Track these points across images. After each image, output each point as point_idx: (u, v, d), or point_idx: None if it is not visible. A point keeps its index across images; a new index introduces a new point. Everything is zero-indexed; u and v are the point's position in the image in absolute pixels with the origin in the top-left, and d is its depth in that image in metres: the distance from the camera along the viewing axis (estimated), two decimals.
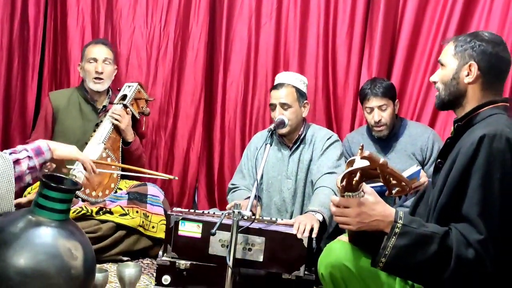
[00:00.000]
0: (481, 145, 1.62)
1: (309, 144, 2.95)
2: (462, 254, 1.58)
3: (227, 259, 2.35)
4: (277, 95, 2.89)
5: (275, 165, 2.97)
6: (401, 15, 3.48)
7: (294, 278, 2.54)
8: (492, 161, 1.61)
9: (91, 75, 3.17)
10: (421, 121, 3.40)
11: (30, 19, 3.53)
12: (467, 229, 1.60)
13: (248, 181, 3.02)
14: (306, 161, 2.92)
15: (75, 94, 3.27)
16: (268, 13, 3.59)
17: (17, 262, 1.82)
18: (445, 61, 1.83)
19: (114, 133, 3.10)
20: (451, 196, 1.66)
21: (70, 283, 1.90)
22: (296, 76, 3.00)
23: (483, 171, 1.61)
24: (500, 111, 1.76)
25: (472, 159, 1.63)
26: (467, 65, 1.77)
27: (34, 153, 1.80)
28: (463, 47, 1.79)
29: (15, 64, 3.55)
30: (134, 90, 3.21)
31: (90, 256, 2.00)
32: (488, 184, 1.60)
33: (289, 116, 2.86)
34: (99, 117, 3.22)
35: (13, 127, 3.57)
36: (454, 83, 1.80)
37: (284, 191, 2.94)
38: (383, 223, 1.68)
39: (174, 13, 3.60)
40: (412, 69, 3.50)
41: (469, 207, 1.61)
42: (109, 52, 3.23)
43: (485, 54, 1.76)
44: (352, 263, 1.88)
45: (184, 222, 2.57)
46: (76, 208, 2.83)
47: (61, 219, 1.95)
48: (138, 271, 2.49)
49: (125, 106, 3.14)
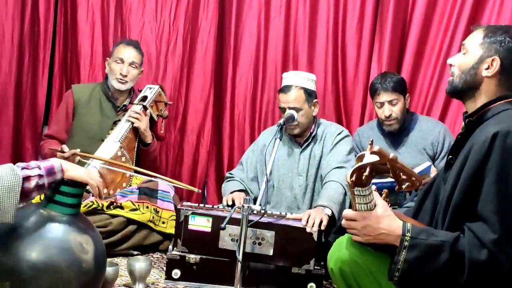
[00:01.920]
0: (495, 142, 1.60)
1: (319, 140, 2.95)
2: (475, 257, 1.56)
3: (237, 253, 2.36)
4: (285, 99, 2.88)
5: (286, 162, 2.97)
6: (412, 8, 3.46)
7: (304, 272, 2.55)
8: (506, 158, 1.59)
9: (115, 75, 3.17)
10: (432, 115, 3.38)
11: (41, 15, 3.55)
12: (482, 229, 1.58)
13: (246, 174, 3.03)
14: (317, 157, 2.92)
15: (97, 89, 3.27)
16: (277, 7, 3.58)
17: (29, 256, 1.84)
18: (470, 47, 1.79)
19: (131, 133, 3.10)
20: (465, 195, 1.64)
21: (81, 277, 1.92)
22: (303, 75, 2.98)
23: (498, 168, 1.59)
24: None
25: (485, 156, 1.61)
26: (490, 59, 1.73)
27: (46, 172, 1.81)
28: (492, 39, 1.74)
29: (25, 60, 3.57)
30: (155, 92, 3.22)
31: (100, 250, 2.01)
32: (503, 181, 1.58)
33: (300, 119, 2.86)
34: (118, 115, 3.23)
35: (24, 122, 3.60)
36: (472, 73, 1.76)
37: (295, 188, 2.95)
38: (391, 237, 1.68)
39: (183, 7, 3.60)
40: (423, 63, 3.47)
41: (484, 205, 1.59)
42: (137, 55, 3.22)
43: (510, 52, 1.72)
44: (362, 258, 1.87)
45: (194, 217, 2.58)
46: (87, 202, 2.84)
47: (72, 213, 1.97)
48: (148, 265, 2.51)
49: (144, 107, 3.15)
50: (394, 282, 1.68)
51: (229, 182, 3.02)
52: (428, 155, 2.98)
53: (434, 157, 2.98)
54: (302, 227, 2.54)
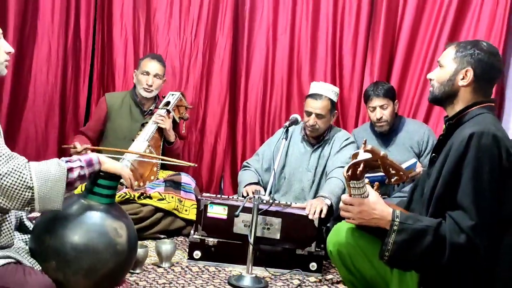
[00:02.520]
0: (471, 141, 1.59)
1: (329, 143, 2.94)
2: (455, 241, 1.56)
3: (249, 237, 2.36)
4: (314, 105, 2.85)
5: (298, 158, 2.96)
6: (399, 27, 3.45)
7: (306, 254, 2.54)
8: (481, 156, 1.58)
9: (142, 85, 3.17)
10: (417, 118, 3.37)
11: (82, 33, 3.56)
12: (461, 216, 1.57)
13: (261, 165, 3.00)
14: (326, 157, 2.91)
15: (127, 97, 3.28)
16: (283, 26, 3.57)
17: (72, 239, 1.85)
18: (445, 63, 1.78)
19: (157, 134, 3.10)
20: (446, 187, 1.63)
21: (116, 257, 1.92)
22: (331, 87, 2.96)
23: (474, 164, 1.58)
24: (487, 110, 1.72)
25: (463, 154, 1.60)
26: (464, 70, 1.72)
27: (86, 164, 1.81)
28: (463, 53, 1.74)
29: (69, 71, 3.58)
30: (176, 98, 3.22)
31: (133, 234, 2.01)
32: (478, 175, 1.58)
33: (320, 125, 2.86)
34: (145, 119, 3.23)
35: (68, 124, 3.61)
36: (450, 84, 1.75)
37: (304, 182, 2.93)
38: (382, 221, 1.67)
39: (203, 26, 3.60)
40: (409, 73, 3.47)
41: (462, 196, 1.59)
42: (160, 68, 3.21)
43: (481, 62, 1.71)
44: (357, 242, 1.87)
45: (212, 206, 2.58)
46: (121, 193, 2.85)
47: (108, 203, 1.97)
48: (173, 247, 2.52)
49: (168, 111, 3.15)
50: (384, 261, 1.67)
51: (246, 171, 3.00)
52: (414, 152, 2.96)
53: (420, 155, 2.96)
54: (305, 214, 2.54)
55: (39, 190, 1.63)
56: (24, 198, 1.62)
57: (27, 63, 3.47)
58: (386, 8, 3.40)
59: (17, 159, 1.65)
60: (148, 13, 3.59)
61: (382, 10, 3.40)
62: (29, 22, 3.44)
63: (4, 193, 1.60)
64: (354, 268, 1.90)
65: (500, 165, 1.59)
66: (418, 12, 3.40)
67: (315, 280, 2.49)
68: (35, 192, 1.62)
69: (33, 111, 3.51)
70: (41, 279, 1.68)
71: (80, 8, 3.53)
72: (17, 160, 1.64)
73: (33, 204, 1.65)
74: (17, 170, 1.62)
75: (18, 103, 3.48)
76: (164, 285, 2.26)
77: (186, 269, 2.49)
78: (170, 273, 2.42)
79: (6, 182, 1.59)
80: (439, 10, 3.36)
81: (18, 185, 1.61)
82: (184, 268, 2.51)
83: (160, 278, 2.34)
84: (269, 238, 2.54)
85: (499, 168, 1.58)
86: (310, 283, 2.46)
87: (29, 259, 1.80)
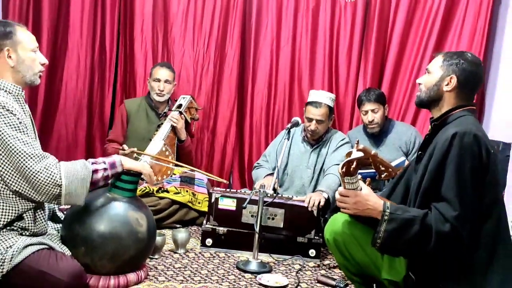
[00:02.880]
0: (454, 140, 1.59)
1: (327, 143, 2.93)
2: (440, 229, 1.56)
3: (255, 226, 2.36)
4: (315, 112, 2.84)
5: (299, 157, 2.96)
6: (389, 38, 3.44)
7: (306, 241, 2.54)
8: (463, 153, 1.58)
9: (155, 91, 3.18)
10: (405, 121, 3.36)
11: (107, 46, 3.58)
12: (445, 207, 1.57)
13: (269, 164, 3.00)
14: (323, 156, 2.91)
15: (143, 102, 3.29)
16: (286, 39, 3.57)
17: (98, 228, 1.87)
18: (432, 70, 1.78)
19: (172, 133, 3.10)
20: (432, 182, 1.63)
21: (137, 244, 1.94)
22: (328, 95, 2.94)
23: (457, 161, 1.58)
24: (468, 113, 1.72)
25: (447, 152, 1.60)
26: (448, 77, 1.72)
27: (110, 166, 1.83)
28: (449, 62, 1.74)
29: (95, 80, 3.60)
30: (187, 100, 3.22)
31: (152, 224, 2.03)
32: (461, 171, 1.57)
33: (320, 129, 2.86)
34: (160, 120, 3.24)
35: (95, 127, 3.63)
36: (435, 89, 1.75)
37: (304, 178, 2.93)
38: (375, 212, 1.67)
39: (214, 39, 3.60)
40: (398, 80, 3.46)
41: (446, 189, 1.58)
42: (170, 74, 3.22)
43: (465, 71, 1.71)
44: (352, 231, 1.87)
45: (223, 198, 2.59)
46: (141, 188, 2.86)
47: (130, 196, 2.00)
48: (188, 235, 2.53)
49: (180, 112, 3.16)
50: (376, 248, 1.67)
51: (259, 169, 2.99)
52: (402, 152, 2.95)
53: (408, 154, 2.95)
54: (305, 206, 2.54)
55: (66, 188, 1.65)
56: (52, 193, 1.64)
57: (59, 72, 3.51)
58: (377, 22, 3.39)
59: (49, 158, 1.67)
60: (166, 27, 3.60)
61: (374, 24, 3.39)
62: (60, 36, 3.48)
63: (35, 188, 1.62)
64: (349, 254, 1.89)
65: (481, 162, 1.58)
66: (406, 25, 3.39)
67: (314, 265, 2.49)
68: (63, 189, 1.65)
69: (64, 114, 3.54)
70: (71, 263, 1.70)
71: (105, 24, 3.56)
72: (49, 159, 1.66)
73: (59, 199, 1.67)
74: (49, 169, 1.64)
75: (51, 107, 3.52)
76: (180, 269, 2.27)
77: (199, 255, 2.50)
78: (185, 258, 2.43)
79: (38, 179, 1.61)
80: (425, 23, 3.35)
81: (49, 182, 1.63)
82: (197, 254, 2.52)
83: (176, 263, 2.35)
84: (273, 227, 2.55)
85: (479, 164, 1.58)
86: (310, 268, 2.46)
87: (61, 246, 1.82)
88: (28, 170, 1.60)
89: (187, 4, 3.57)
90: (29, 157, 1.61)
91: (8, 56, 1.72)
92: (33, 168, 1.61)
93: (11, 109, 1.64)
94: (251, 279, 2.23)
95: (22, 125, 1.66)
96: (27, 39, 1.77)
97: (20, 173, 1.61)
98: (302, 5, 3.52)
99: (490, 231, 1.61)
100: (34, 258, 1.64)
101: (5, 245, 1.64)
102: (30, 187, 1.62)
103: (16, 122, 1.64)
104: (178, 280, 2.12)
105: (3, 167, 1.62)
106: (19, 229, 1.71)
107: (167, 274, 2.18)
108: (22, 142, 1.62)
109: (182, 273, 2.22)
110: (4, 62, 1.72)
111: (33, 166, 1.61)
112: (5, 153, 1.61)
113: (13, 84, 1.74)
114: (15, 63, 1.73)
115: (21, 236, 1.70)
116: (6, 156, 1.61)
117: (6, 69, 1.73)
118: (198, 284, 2.11)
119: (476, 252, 1.60)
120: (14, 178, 1.62)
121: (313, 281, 2.28)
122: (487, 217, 1.61)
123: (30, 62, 1.77)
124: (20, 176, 1.62)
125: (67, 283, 1.63)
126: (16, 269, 1.61)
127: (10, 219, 1.67)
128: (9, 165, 1.61)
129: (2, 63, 1.72)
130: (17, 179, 1.62)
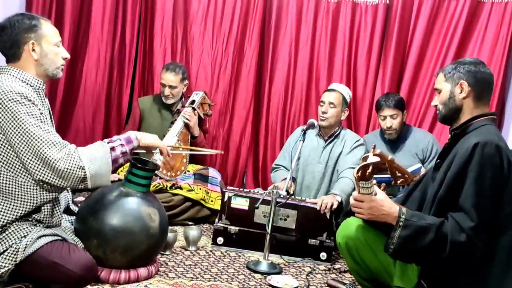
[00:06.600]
0: (475, 150, 1.56)
1: (340, 140, 2.90)
2: (456, 239, 1.53)
3: (267, 227, 2.35)
4: (328, 96, 2.87)
5: (311, 151, 2.92)
6: (410, 43, 3.39)
7: (318, 244, 2.52)
8: (484, 164, 1.55)
9: (163, 94, 3.19)
10: (423, 127, 3.31)
11: (127, 42, 3.61)
12: (462, 217, 1.54)
13: (287, 161, 2.96)
14: (336, 153, 2.87)
15: (156, 99, 3.30)
16: (304, 40, 3.55)
17: (111, 222, 1.88)
18: (440, 87, 1.76)
19: (185, 129, 3.11)
20: (450, 191, 1.60)
21: (149, 239, 1.94)
22: (345, 88, 2.97)
23: (477, 171, 1.55)
24: (489, 122, 1.69)
25: (467, 161, 1.57)
26: (458, 85, 1.70)
27: (126, 141, 1.84)
28: (451, 73, 1.73)
29: (114, 75, 3.63)
30: (200, 96, 3.23)
31: (164, 220, 2.03)
32: (481, 181, 1.54)
33: (331, 113, 2.84)
34: (173, 117, 3.24)
35: (112, 121, 3.66)
36: (452, 101, 1.72)
37: (315, 173, 2.89)
38: (390, 217, 1.65)
39: (233, 39, 3.60)
40: (417, 86, 3.40)
41: (464, 199, 1.55)
42: (175, 79, 3.16)
43: (470, 72, 1.69)
44: (364, 235, 1.85)
45: (236, 197, 2.58)
46: (155, 183, 2.87)
47: (144, 191, 2.00)
48: (199, 233, 2.52)
49: (193, 108, 3.16)
50: (389, 253, 1.65)
51: (277, 172, 2.95)
52: (419, 158, 2.90)
53: (424, 160, 2.90)
54: (317, 208, 2.52)
55: (90, 168, 1.67)
56: (78, 176, 1.66)
57: (79, 66, 3.55)
58: (398, 26, 3.34)
59: (68, 145, 1.69)
60: (185, 26, 3.61)
61: (394, 28, 3.35)
62: (82, 31, 3.52)
63: (60, 174, 1.64)
64: (360, 259, 1.87)
65: (502, 173, 1.55)
66: (427, 31, 3.33)
67: (324, 268, 2.47)
68: (87, 170, 1.66)
69: (83, 107, 3.58)
70: (83, 255, 1.71)
71: (126, 20, 3.58)
72: (69, 146, 1.69)
73: (86, 181, 1.68)
74: (70, 154, 1.66)
75: (70, 101, 3.56)
76: (190, 266, 2.27)
77: (210, 253, 2.50)
78: (196, 256, 2.43)
79: (61, 165, 1.63)
80: (447, 29, 3.29)
81: (72, 166, 1.65)
82: (208, 252, 2.51)
83: (187, 260, 2.35)
84: (285, 228, 2.54)
85: (500, 175, 1.55)
86: (320, 271, 2.43)
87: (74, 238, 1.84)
88: (51, 158, 1.62)
89: (207, 3, 3.58)
90: (52, 145, 1.63)
91: (32, 49, 1.74)
92: (55, 155, 1.63)
93: (32, 99, 1.66)
94: (260, 280, 2.21)
95: (43, 115, 1.68)
96: (52, 33, 1.78)
97: (43, 161, 1.63)
98: (322, 7, 3.49)
99: (506, 244, 1.58)
100: (47, 248, 1.65)
101: (19, 235, 1.66)
102: (55, 175, 1.64)
103: (37, 112, 1.66)
104: (188, 277, 2.12)
105: (27, 157, 1.63)
106: (34, 221, 1.72)
107: (177, 271, 2.18)
108: (44, 130, 1.64)
109: (192, 271, 2.22)
110: (28, 55, 1.74)
111: (55, 153, 1.63)
112: (27, 142, 1.63)
113: (35, 77, 1.75)
114: (38, 56, 1.75)
115: (35, 227, 1.71)
116: (28, 145, 1.63)
117: (30, 62, 1.75)
118: (208, 282, 2.11)
119: (491, 264, 1.57)
120: (38, 167, 1.64)
121: (323, 284, 2.26)
122: (504, 229, 1.57)
123: (53, 56, 1.78)
124: (44, 165, 1.63)
125: (79, 275, 1.64)
126: (29, 259, 1.63)
127: (28, 210, 1.68)
128: (33, 154, 1.63)
129: (26, 56, 1.74)
130: (41, 167, 1.64)
